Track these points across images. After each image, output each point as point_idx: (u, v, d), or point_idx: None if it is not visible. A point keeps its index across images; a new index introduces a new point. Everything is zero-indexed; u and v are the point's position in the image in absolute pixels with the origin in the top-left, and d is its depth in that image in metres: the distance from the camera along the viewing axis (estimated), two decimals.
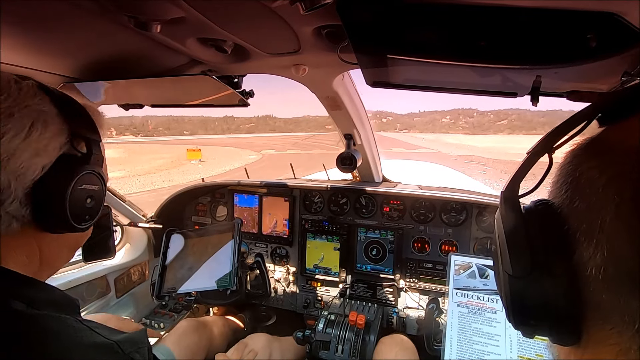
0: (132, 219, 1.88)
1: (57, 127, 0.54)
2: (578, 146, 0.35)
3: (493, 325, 1.12)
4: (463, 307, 1.17)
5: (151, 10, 0.65)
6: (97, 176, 0.60)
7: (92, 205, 0.60)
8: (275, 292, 1.98)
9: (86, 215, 0.59)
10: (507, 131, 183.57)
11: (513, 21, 0.56)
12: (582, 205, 0.32)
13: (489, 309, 1.15)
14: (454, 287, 1.21)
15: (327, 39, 0.79)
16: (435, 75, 0.90)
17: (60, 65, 0.91)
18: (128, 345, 0.54)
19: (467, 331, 1.12)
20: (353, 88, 1.41)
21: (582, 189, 0.32)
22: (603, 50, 0.58)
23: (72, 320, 0.52)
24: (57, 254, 0.62)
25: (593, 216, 0.30)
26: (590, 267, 0.30)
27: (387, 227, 1.78)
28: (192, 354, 1.37)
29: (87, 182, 0.58)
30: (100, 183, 0.61)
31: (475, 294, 1.18)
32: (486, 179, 15.48)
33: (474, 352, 1.08)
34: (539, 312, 0.34)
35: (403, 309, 1.76)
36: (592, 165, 0.32)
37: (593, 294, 0.30)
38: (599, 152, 0.33)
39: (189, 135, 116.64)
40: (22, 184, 0.51)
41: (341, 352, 1.44)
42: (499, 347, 1.08)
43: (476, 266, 1.22)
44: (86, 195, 0.58)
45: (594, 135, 0.34)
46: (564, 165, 0.35)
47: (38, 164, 0.52)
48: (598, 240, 0.29)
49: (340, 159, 1.56)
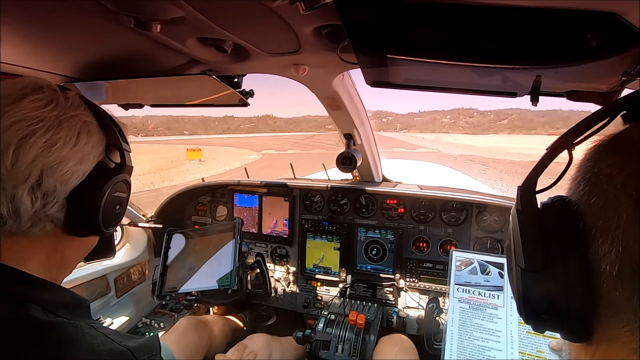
0: (132, 219, 1.88)
1: (97, 137, 0.59)
2: (599, 143, 0.35)
3: (494, 321, 1.12)
4: (464, 303, 1.17)
5: (151, 10, 0.65)
6: (126, 184, 0.64)
7: (120, 212, 0.64)
8: (275, 291, 1.98)
9: (113, 221, 0.63)
10: (507, 131, 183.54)
11: (513, 21, 0.56)
12: (599, 202, 0.31)
13: (490, 304, 1.15)
14: (455, 283, 1.20)
15: (327, 38, 0.79)
16: (435, 75, 0.90)
17: (60, 65, 0.91)
18: (141, 352, 0.56)
19: (468, 327, 1.12)
20: (353, 88, 1.41)
21: (601, 185, 0.32)
22: (603, 50, 0.58)
23: (87, 327, 0.54)
24: (75, 256, 0.65)
25: (610, 213, 0.30)
26: (605, 264, 0.30)
27: (387, 226, 1.78)
28: (191, 353, 1.37)
29: (118, 189, 0.62)
30: (128, 190, 0.65)
31: (476, 290, 1.18)
32: (486, 179, 15.48)
33: (475, 347, 1.08)
34: (550, 307, 0.34)
35: (403, 309, 1.76)
36: (612, 161, 0.32)
37: (606, 291, 0.30)
38: (620, 149, 0.33)
39: (189, 135, 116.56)
40: (65, 189, 0.54)
41: (341, 351, 1.44)
42: (499, 342, 1.07)
43: (478, 262, 1.22)
44: (117, 202, 0.62)
45: (616, 132, 0.34)
46: (584, 161, 0.35)
47: (80, 171, 0.56)
48: (614, 236, 0.29)
49: (340, 158, 1.56)
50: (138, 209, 1.94)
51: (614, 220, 0.29)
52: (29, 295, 0.52)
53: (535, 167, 0.37)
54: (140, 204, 2.00)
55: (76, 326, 0.53)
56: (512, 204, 1.32)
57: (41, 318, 0.51)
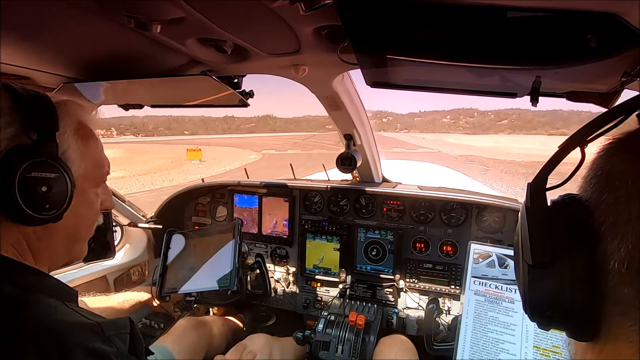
0: (132, 219, 1.88)
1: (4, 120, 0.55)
2: (612, 140, 0.35)
3: (510, 315, 1.10)
4: (480, 296, 1.15)
5: (151, 10, 0.65)
6: (53, 164, 0.58)
7: (50, 194, 0.57)
8: (275, 292, 1.98)
9: (44, 204, 0.57)
10: (507, 131, 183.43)
11: (513, 22, 0.56)
12: (610, 198, 0.31)
13: (507, 298, 1.13)
14: (472, 276, 1.19)
15: (327, 39, 0.79)
16: (435, 76, 0.91)
17: (60, 65, 0.91)
18: (110, 328, 0.55)
19: (483, 320, 1.11)
20: (353, 88, 1.41)
21: (612, 182, 0.32)
22: (603, 51, 0.58)
23: (59, 303, 0.54)
24: (48, 246, 0.62)
25: (621, 209, 0.30)
26: (614, 261, 0.29)
27: (387, 227, 1.77)
28: (191, 353, 1.36)
29: (36, 169, 0.56)
30: (60, 171, 0.59)
31: (493, 283, 1.16)
32: (486, 179, 15.46)
33: (489, 340, 1.07)
34: (556, 304, 0.34)
35: (403, 309, 1.76)
36: (624, 158, 0.32)
37: (614, 288, 0.30)
38: (632, 146, 0.33)
39: (189, 135, 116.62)
40: None
41: (341, 352, 1.44)
42: (514, 336, 1.06)
43: (496, 255, 1.21)
44: (40, 183, 0.56)
45: (630, 130, 0.34)
46: (596, 159, 0.35)
47: None
48: (624, 233, 0.29)
49: (340, 159, 1.56)
50: (138, 209, 1.94)
51: (624, 217, 0.29)
52: (4, 276, 0.53)
53: (546, 164, 0.37)
54: (140, 204, 2.00)
55: (47, 301, 0.54)
56: (511, 205, 1.32)
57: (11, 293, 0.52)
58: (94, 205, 0.70)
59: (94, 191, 0.69)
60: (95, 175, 0.69)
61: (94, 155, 0.68)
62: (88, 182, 0.67)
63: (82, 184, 0.64)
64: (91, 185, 0.68)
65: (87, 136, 0.67)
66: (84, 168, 0.65)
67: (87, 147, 0.66)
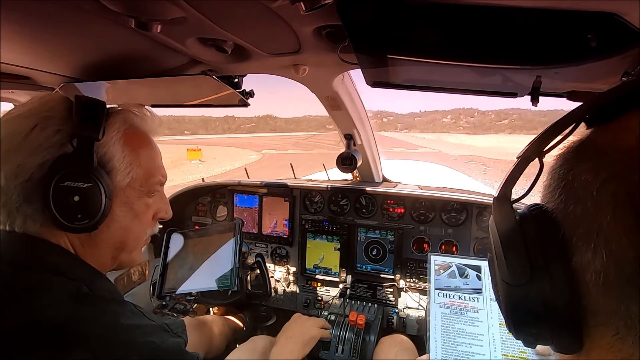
0: None
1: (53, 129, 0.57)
2: (568, 149, 0.35)
3: (476, 324, 1.10)
4: (445, 308, 1.14)
5: (152, 11, 0.65)
6: (87, 174, 0.58)
7: (83, 203, 0.57)
8: (275, 292, 1.98)
9: (78, 214, 0.57)
10: (508, 131, 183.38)
11: (513, 21, 0.56)
12: (577, 209, 0.31)
13: (470, 308, 1.13)
14: (435, 288, 1.18)
15: (327, 39, 0.79)
16: (435, 75, 0.90)
17: (60, 65, 0.91)
18: (175, 327, 0.62)
19: (451, 332, 1.10)
20: (353, 88, 1.41)
21: (576, 193, 0.31)
22: (603, 50, 0.58)
23: (130, 305, 0.60)
24: (91, 254, 0.63)
25: (590, 220, 0.29)
26: (590, 273, 0.29)
27: (387, 227, 1.77)
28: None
29: (69, 179, 0.56)
30: (94, 181, 0.58)
31: (456, 294, 1.16)
32: (486, 179, 15.47)
33: (459, 354, 1.06)
34: (539, 321, 0.33)
35: (403, 309, 1.76)
36: (585, 168, 0.31)
37: (594, 300, 0.30)
38: (590, 154, 0.32)
39: (190, 135, 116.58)
40: (15, 183, 0.55)
41: (341, 352, 1.44)
42: (482, 347, 1.06)
43: (455, 266, 1.20)
44: (73, 192, 0.56)
45: (583, 137, 0.34)
46: (556, 169, 0.34)
47: (31, 163, 0.55)
48: (596, 244, 0.29)
49: (341, 159, 1.56)
50: None
51: (595, 228, 0.29)
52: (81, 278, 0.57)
53: (508, 177, 0.37)
54: None
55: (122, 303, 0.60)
56: None
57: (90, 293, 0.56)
58: (143, 216, 0.68)
59: (143, 201, 0.67)
60: (146, 185, 0.67)
61: (145, 165, 0.67)
62: (136, 192, 0.65)
63: (129, 194, 0.64)
64: (140, 195, 0.66)
65: (137, 145, 0.66)
66: (132, 177, 0.64)
67: (136, 156, 0.65)
